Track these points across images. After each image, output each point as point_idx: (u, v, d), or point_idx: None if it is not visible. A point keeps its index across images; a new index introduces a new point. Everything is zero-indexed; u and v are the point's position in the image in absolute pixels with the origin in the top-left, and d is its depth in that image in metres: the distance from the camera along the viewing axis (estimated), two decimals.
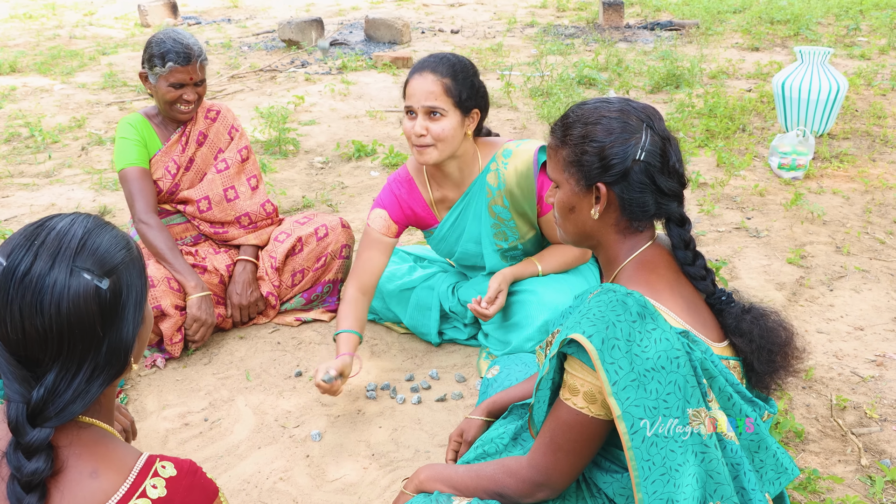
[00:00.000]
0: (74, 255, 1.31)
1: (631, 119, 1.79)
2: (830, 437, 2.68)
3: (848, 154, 5.31)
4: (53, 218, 1.38)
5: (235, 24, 11.34)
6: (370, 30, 9.92)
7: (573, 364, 1.70)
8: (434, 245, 3.18)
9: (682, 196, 1.83)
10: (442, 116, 2.73)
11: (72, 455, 1.32)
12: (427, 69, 2.74)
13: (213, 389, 3.04)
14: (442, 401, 2.93)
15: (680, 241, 1.83)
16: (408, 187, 3.06)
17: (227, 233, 3.51)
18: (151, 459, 1.37)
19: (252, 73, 8.27)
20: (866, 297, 3.56)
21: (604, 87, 7.15)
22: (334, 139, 6.05)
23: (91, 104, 7.21)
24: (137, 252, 1.44)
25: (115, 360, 1.37)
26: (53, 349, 1.30)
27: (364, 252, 3.04)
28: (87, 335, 1.31)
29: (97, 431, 1.38)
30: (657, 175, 1.77)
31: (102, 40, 10.32)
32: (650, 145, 1.76)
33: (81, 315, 1.30)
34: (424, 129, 2.74)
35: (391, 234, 3.04)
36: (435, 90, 2.71)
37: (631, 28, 10.26)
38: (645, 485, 1.62)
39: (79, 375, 1.32)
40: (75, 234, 1.34)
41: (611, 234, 1.84)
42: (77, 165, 5.59)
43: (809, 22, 9.67)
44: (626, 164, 1.75)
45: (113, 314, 1.35)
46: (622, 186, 1.76)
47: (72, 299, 1.29)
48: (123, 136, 3.35)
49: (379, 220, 3.03)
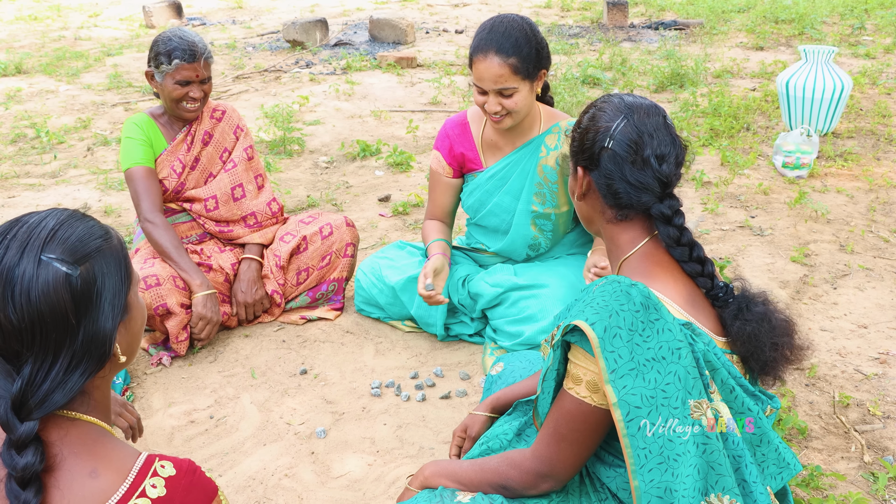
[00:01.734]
0: (43, 244, 1.30)
1: (614, 110, 1.86)
2: (833, 434, 2.68)
3: (852, 153, 5.31)
4: (31, 214, 1.38)
5: (240, 25, 11.37)
6: (374, 30, 9.94)
7: (576, 353, 1.71)
8: (468, 193, 3.21)
9: (657, 192, 1.83)
10: (514, 92, 2.81)
11: (71, 454, 1.32)
12: (492, 49, 2.77)
13: (219, 387, 3.06)
14: (446, 398, 2.94)
15: (668, 238, 1.84)
16: (461, 129, 3.17)
17: (233, 231, 3.52)
18: (150, 459, 1.36)
19: (257, 74, 8.29)
20: (870, 295, 3.56)
21: (608, 86, 7.16)
22: (339, 139, 6.07)
23: (96, 105, 7.24)
24: (118, 243, 1.43)
25: (93, 350, 1.35)
26: (27, 340, 1.29)
27: (432, 194, 3.30)
28: (60, 324, 1.30)
29: (95, 429, 1.37)
30: (624, 165, 1.81)
31: (107, 41, 10.35)
32: (620, 135, 1.81)
33: (52, 303, 1.28)
34: (498, 104, 2.84)
35: (447, 174, 3.20)
36: (503, 73, 2.77)
37: (635, 28, 10.27)
38: (641, 472, 1.63)
39: (56, 366, 1.31)
40: (46, 226, 1.33)
41: (602, 221, 1.92)
42: (83, 166, 5.61)
43: (814, 21, 9.66)
44: (595, 150, 1.83)
45: (87, 303, 1.33)
46: (596, 172, 1.85)
47: (41, 288, 1.28)
48: (129, 136, 3.37)
49: (436, 161, 3.22)
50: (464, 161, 3.17)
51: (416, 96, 7.27)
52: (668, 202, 1.84)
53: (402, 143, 5.95)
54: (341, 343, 3.32)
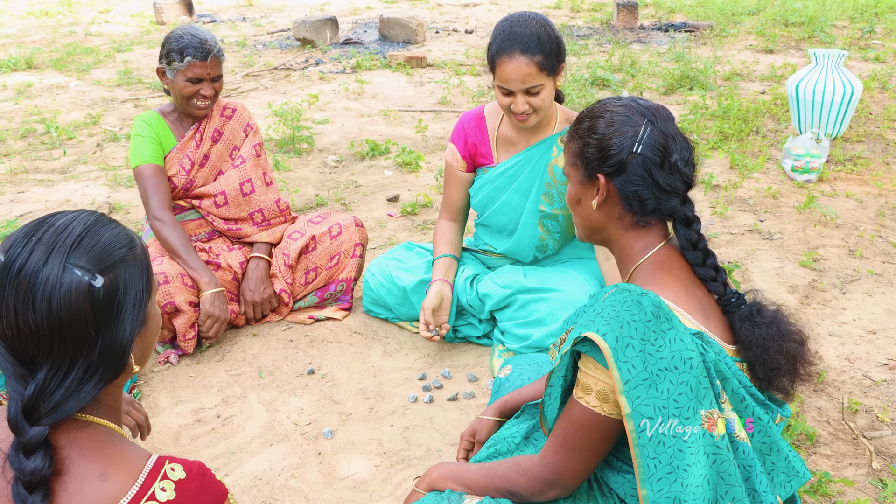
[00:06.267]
0: (69, 251, 1.29)
1: (633, 114, 1.83)
2: (842, 440, 2.68)
3: (861, 157, 5.29)
4: (56, 214, 1.36)
5: (250, 23, 11.38)
6: (384, 29, 9.94)
7: (587, 362, 1.71)
8: (477, 188, 3.22)
9: (684, 195, 1.84)
10: (541, 89, 2.84)
11: (80, 456, 1.31)
12: (517, 49, 2.78)
13: (226, 386, 3.06)
14: (454, 400, 2.94)
15: (686, 241, 1.84)
16: (476, 123, 3.18)
17: (241, 230, 3.53)
18: (160, 461, 1.35)
19: (266, 72, 8.30)
20: (879, 300, 3.55)
21: (617, 88, 7.15)
22: (348, 138, 6.07)
23: (106, 101, 7.25)
24: (142, 251, 1.41)
25: (109, 360, 1.33)
26: (45, 346, 1.27)
27: (446, 188, 3.32)
28: (79, 334, 1.29)
29: (105, 431, 1.36)
30: (655, 169, 1.79)
31: (118, 37, 10.37)
32: (648, 139, 1.79)
33: (73, 313, 1.27)
34: (526, 104, 2.85)
35: (462, 168, 3.22)
36: (531, 72, 2.79)
37: (645, 29, 10.25)
38: (650, 482, 1.62)
39: (71, 374, 1.30)
40: (73, 231, 1.32)
41: (617, 229, 1.87)
42: (92, 162, 5.62)
43: (824, 24, 9.63)
44: (623, 156, 1.79)
45: (107, 313, 1.31)
46: (621, 179, 1.81)
47: (63, 296, 1.26)
48: (138, 134, 3.37)
49: (451, 154, 3.24)
50: (476, 153, 3.18)
51: (426, 96, 7.27)
52: (690, 204, 1.84)
53: (411, 142, 5.95)
54: (349, 343, 3.32)
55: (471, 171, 3.22)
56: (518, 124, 2.95)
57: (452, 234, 3.27)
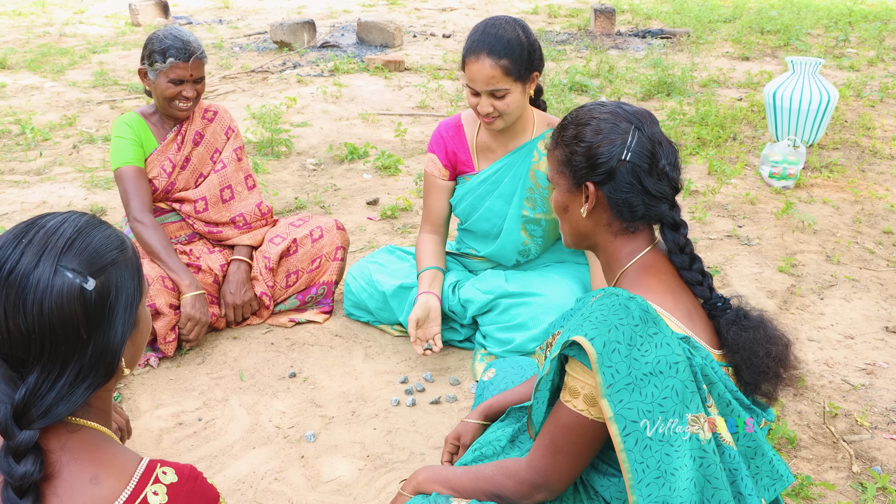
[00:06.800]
0: (60, 253, 1.27)
1: (620, 121, 1.82)
2: (822, 443, 2.70)
3: (838, 164, 5.35)
4: (46, 216, 1.34)
5: (227, 25, 11.33)
6: (362, 33, 9.93)
7: (574, 366, 1.71)
8: (459, 196, 3.20)
9: (672, 199, 1.86)
10: (506, 93, 2.83)
11: (71, 460, 1.29)
12: (483, 51, 2.78)
13: (207, 389, 3.04)
14: (436, 403, 2.93)
15: (674, 245, 1.85)
16: (454, 131, 3.17)
17: (222, 233, 3.50)
18: (152, 465, 1.34)
19: (244, 74, 8.26)
20: (856, 306, 3.59)
21: (595, 93, 7.18)
22: (326, 141, 6.05)
23: (82, 102, 7.19)
24: (133, 253, 1.39)
25: (101, 364, 1.32)
26: (36, 349, 1.26)
27: (427, 199, 3.27)
28: (71, 337, 1.27)
29: (95, 435, 1.35)
30: (644, 176, 1.79)
31: (93, 38, 10.28)
32: (637, 146, 1.79)
33: (64, 316, 1.25)
34: (490, 106, 2.85)
35: (444, 177, 3.20)
36: (495, 74, 2.78)
37: (622, 35, 10.31)
38: (639, 487, 1.62)
39: (62, 378, 1.28)
40: (64, 233, 1.30)
41: (605, 235, 1.87)
42: (68, 163, 5.57)
43: (799, 32, 9.73)
44: (612, 164, 1.78)
45: (99, 316, 1.30)
46: (610, 186, 1.80)
47: (54, 299, 1.24)
48: (119, 136, 3.34)
49: (431, 164, 3.21)
50: (457, 161, 3.17)
51: (404, 100, 7.27)
52: (677, 209, 1.85)
53: (390, 146, 5.94)
54: (330, 346, 3.31)
55: (452, 179, 3.22)
56: (485, 126, 2.95)
57: (435, 246, 3.24)
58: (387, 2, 13.19)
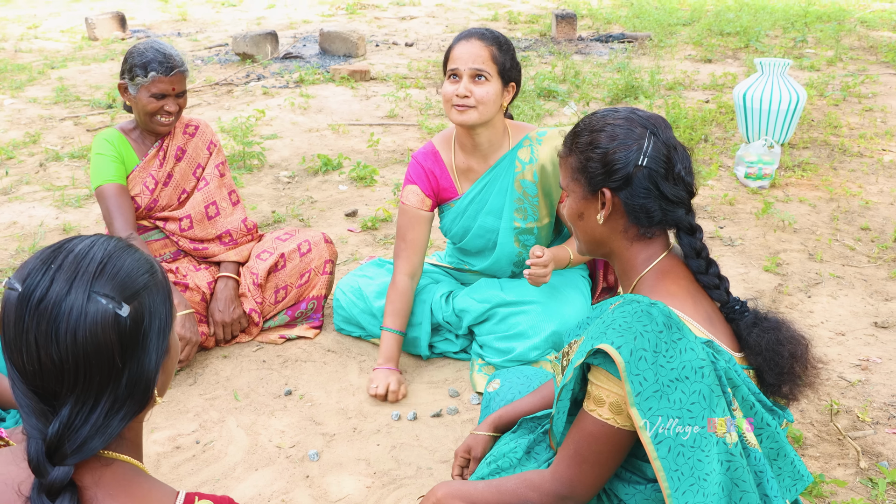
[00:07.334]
0: (93, 279, 1.21)
1: (635, 126, 1.82)
2: (827, 441, 2.71)
3: (809, 163, 5.41)
4: (73, 240, 1.28)
5: (186, 38, 11.19)
6: (325, 43, 9.86)
7: (598, 375, 1.69)
8: (449, 222, 3.17)
9: (689, 204, 1.86)
10: (486, 81, 2.84)
11: (106, 497, 1.23)
12: (474, 36, 2.87)
13: (202, 411, 2.97)
14: (437, 416, 2.90)
15: (691, 249, 1.84)
16: (433, 159, 3.13)
17: (208, 249, 3.44)
18: (190, 498, 1.29)
19: (208, 87, 8.15)
20: (843, 302, 3.62)
21: (564, 98, 7.20)
22: (298, 153, 5.99)
23: (44, 119, 7.04)
24: (162, 276, 1.34)
25: (136, 393, 1.26)
26: (69, 380, 1.20)
27: (407, 233, 3.13)
28: (105, 366, 1.21)
29: (129, 469, 1.29)
30: (661, 181, 1.79)
31: (50, 54, 10.09)
32: (653, 151, 1.78)
33: (99, 344, 1.19)
34: (468, 90, 2.84)
35: (426, 207, 3.13)
36: (483, 54, 2.83)
37: (584, 40, 10.36)
38: (676, 496, 1.62)
39: (97, 409, 1.22)
40: (94, 257, 1.24)
41: (621, 241, 1.86)
42: (36, 182, 5.44)
43: (758, 34, 9.85)
44: (629, 170, 1.77)
45: (133, 344, 1.24)
46: (627, 192, 1.79)
47: (89, 327, 1.19)
48: (99, 153, 3.27)
49: (413, 195, 3.12)
50: (439, 189, 3.13)
51: (373, 109, 7.22)
52: (692, 213, 1.85)
53: (363, 156, 5.89)
54: (324, 362, 3.26)
55: (432, 209, 3.16)
56: (457, 118, 2.88)
57: (407, 301, 3.12)
58: (346, 12, 13.12)
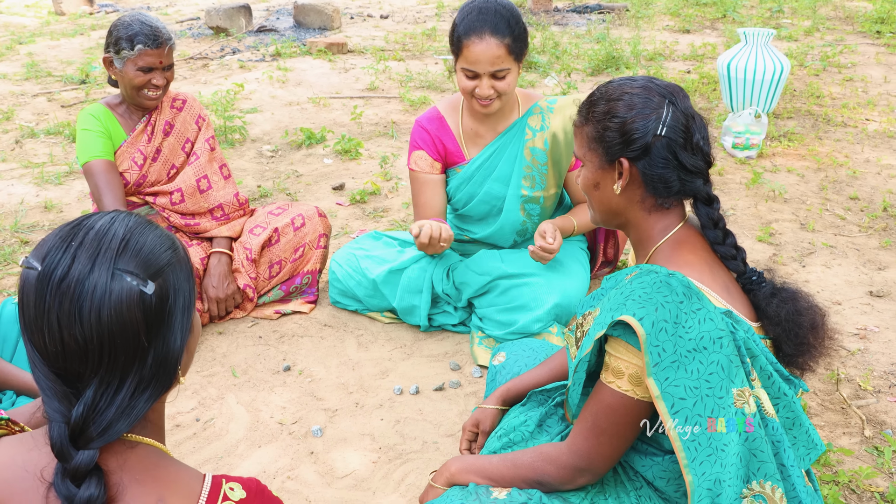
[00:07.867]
0: (116, 256, 1.16)
1: (653, 95, 1.78)
2: (831, 410, 2.72)
3: (795, 133, 5.42)
4: (91, 217, 1.22)
5: (156, 11, 11.00)
6: (299, 16, 9.74)
7: (617, 346, 1.67)
8: (455, 187, 3.12)
9: (706, 174, 1.83)
10: (507, 73, 2.79)
11: (132, 481, 1.19)
12: (487, 31, 2.73)
13: (200, 388, 2.92)
14: (440, 390, 2.87)
15: (708, 220, 1.82)
16: (438, 124, 3.08)
17: (199, 225, 3.37)
18: (217, 481, 1.25)
19: (183, 62, 8.02)
20: (837, 272, 3.63)
21: (545, 69, 7.16)
22: (280, 127, 5.91)
23: (16, 95, 6.89)
24: (184, 253, 1.30)
25: (161, 372, 1.22)
26: (94, 361, 1.15)
27: (419, 197, 3.09)
28: (131, 345, 1.16)
29: (154, 452, 1.25)
30: (679, 151, 1.76)
31: (16, 29, 9.89)
32: (672, 121, 1.75)
33: (124, 323, 1.15)
34: (491, 88, 2.79)
35: (437, 171, 3.08)
36: (500, 54, 2.74)
37: (560, 11, 10.31)
38: (693, 466, 1.61)
39: (122, 390, 1.17)
40: (116, 234, 1.19)
41: (638, 211, 1.83)
42: (12, 159, 5.32)
43: (736, 4, 9.84)
44: (648, 139, 1.74)
45: (159, 322, 1.20)
46: (645, 162, 1.76)
47: (114, 305, 1.14)
48: (86, 128, 3.18)
49: (421, 160, 3.08)
50: (446, 153, 3.09)
51: (352, 82, 7.14)
52: (710, 183, 1.82)
53: (346, 129, 5.82)
54: (321, 337, 3.22)
55: (443, 171, 3.12)
56: (480, 109, 2.87)
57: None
58: None
